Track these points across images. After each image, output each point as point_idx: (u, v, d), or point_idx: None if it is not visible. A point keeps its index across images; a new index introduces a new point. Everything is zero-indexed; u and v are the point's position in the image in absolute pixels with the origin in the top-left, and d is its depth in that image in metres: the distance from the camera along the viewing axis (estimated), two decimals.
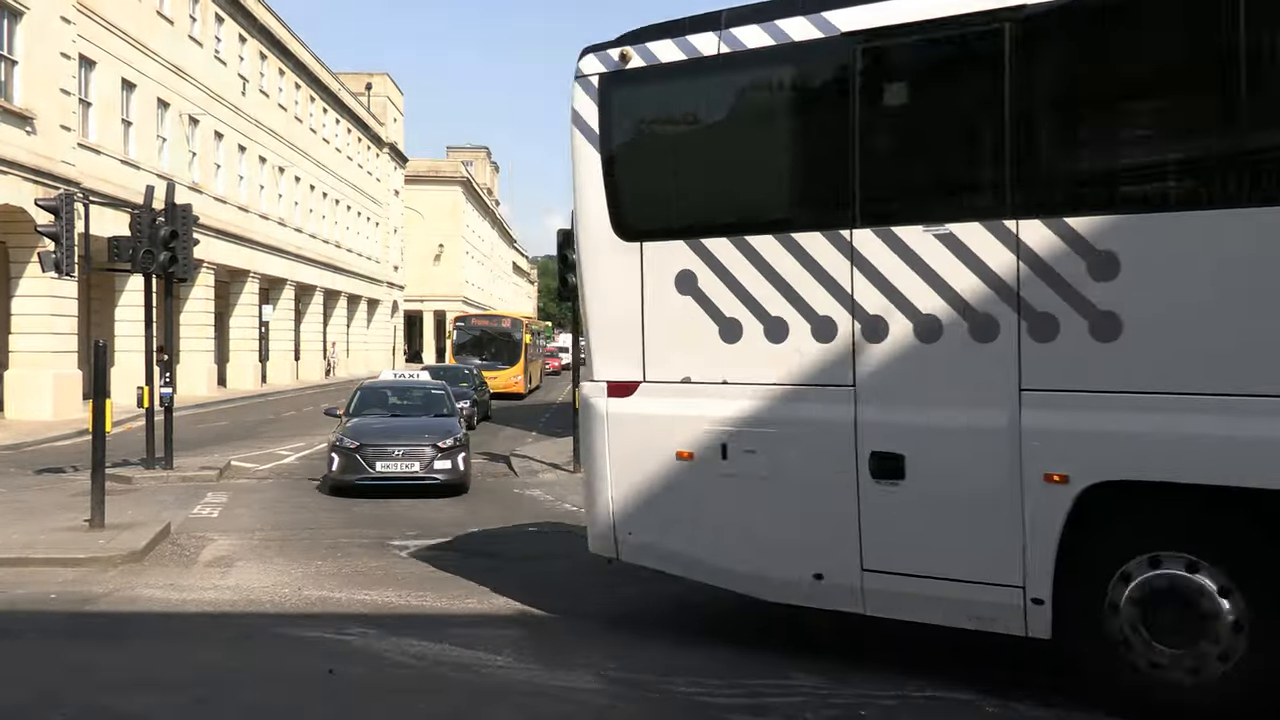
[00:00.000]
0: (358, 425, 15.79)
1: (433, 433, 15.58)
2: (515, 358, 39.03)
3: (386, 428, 15.86)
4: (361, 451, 14.97)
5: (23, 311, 25.48)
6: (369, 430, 15.56)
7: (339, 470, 15.04)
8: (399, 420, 16.55)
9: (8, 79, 24.18)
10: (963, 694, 6.55)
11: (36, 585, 9.55)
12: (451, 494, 15.27)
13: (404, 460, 14.96)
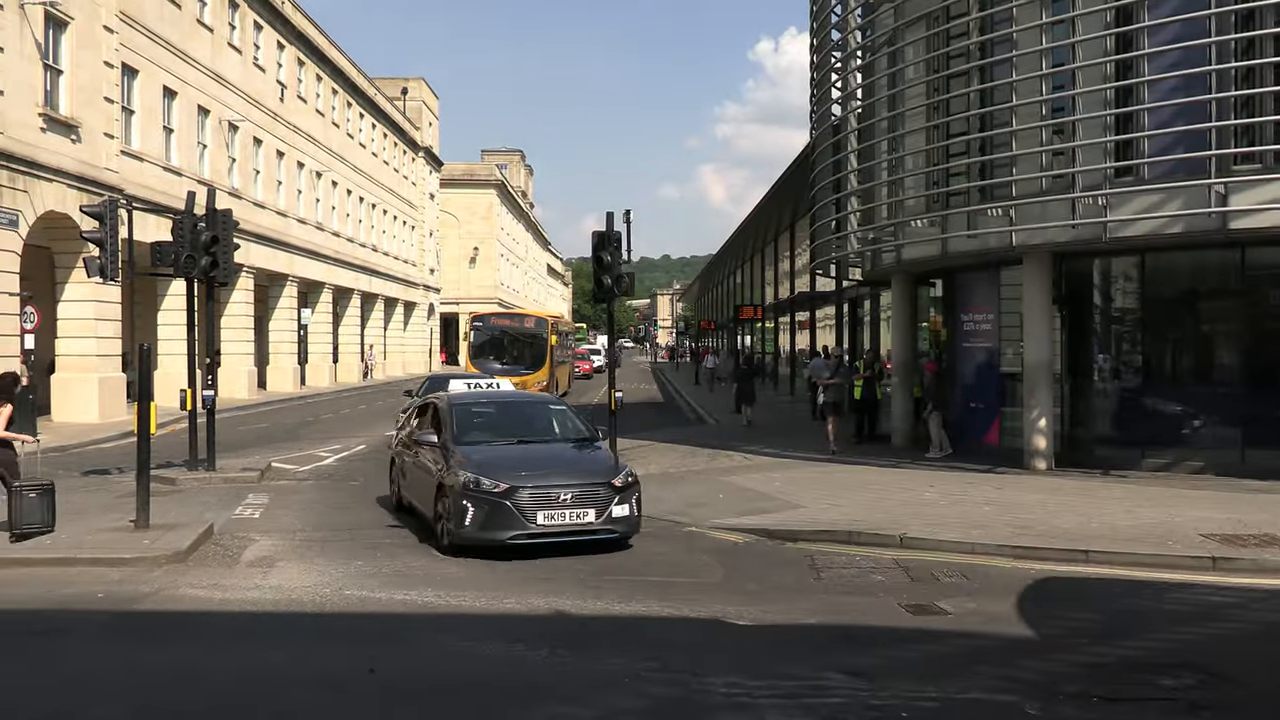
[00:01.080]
0: (484, 459, 11.50)
1: (594, 468, 11.73)
2: (540, 361, 34.30)
3: (526, 460, 11.63)
4: (514, 497, 10.76)
5: (68, 316, 25.92)
6: (504, 465, 11.32)
7: (478, 524, 10.76)
8: (535, 449, 12.22)
9: (54, 88, 24.61)
10: (1005, 696, 6.49)
11: (84, 585, 9.72)
12: (615, 549, 11.27)
13: (576, 507, 10.94)
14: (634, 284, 18.13)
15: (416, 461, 12.89)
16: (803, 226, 32.92)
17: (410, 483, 13.23)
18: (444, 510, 11.30)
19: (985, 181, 16.92)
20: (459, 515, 10.94)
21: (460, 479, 11.07)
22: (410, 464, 13.24)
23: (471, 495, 10.87)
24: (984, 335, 18.70)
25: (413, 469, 13.10)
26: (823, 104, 22.45)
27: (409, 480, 13.30)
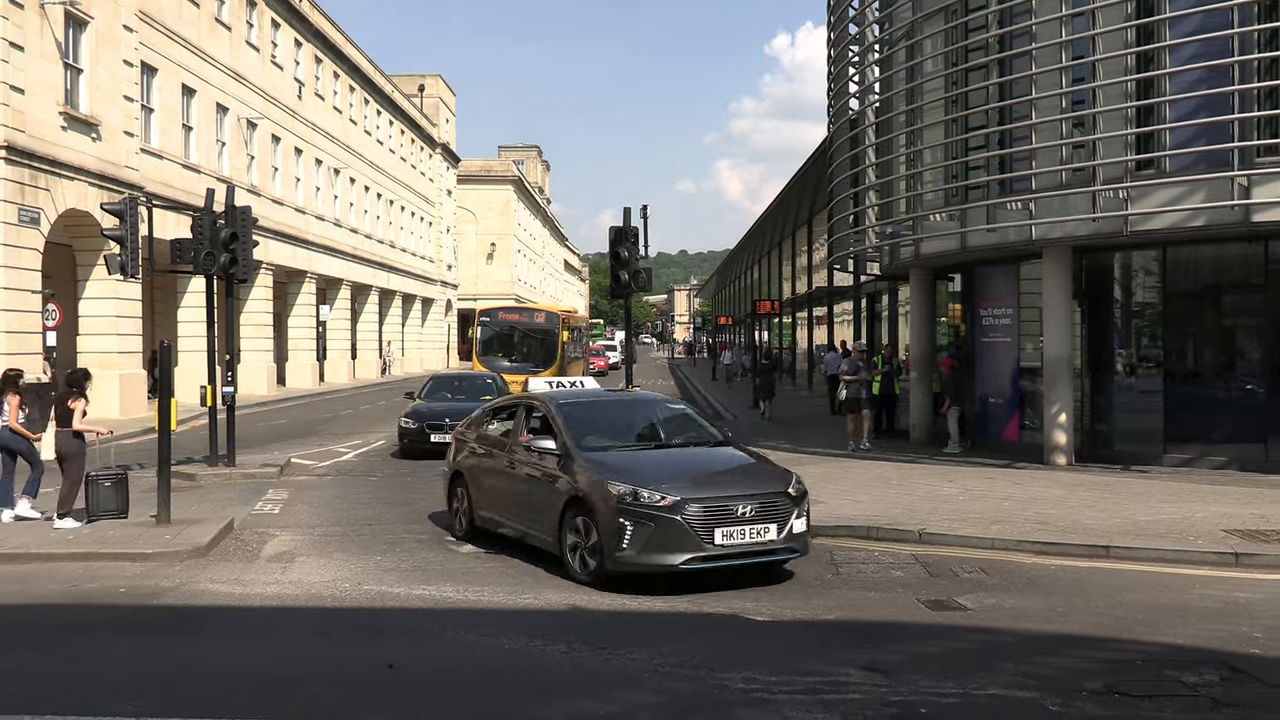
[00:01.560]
0: (623, 465, 9.78)
1: (761, 474, 10.05)
2: (551, 358, 32.57)
3: (677, 467, 9.94)
4: (684, 511, 9.01)
5: (89, 313, 26.11)
6: (655, 473, 9.56)
7: (640, 546, 9.04)
8: (676, 455, 10.51)
9: (74, 87, 24.78)
10: (1025, 692, 6.45)
11: (106, 579, 9.80)
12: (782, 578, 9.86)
13: (756, 522, 9.21)
14: (651, 279, 18.14)
15: (510, 472, 10.91)
16: (820, 221, 32.81)
17: (496, 498, 11.16)
18: (580, 530, 9.44)
19: (1004, 175, 16.82)
20: (612, 535, 9.07)
21: (613, 490, 9.19)
22: (496, 475, 11.23)
23: (629, 510, 9.05)
24: (1003, 330, 18.59)
25: (502, 481, 11.08)
26: (840, 98, 22.36)
27: (492, 495, 11.24)
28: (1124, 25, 14.97)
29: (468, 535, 11.62)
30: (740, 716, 6.18)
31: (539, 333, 33.34)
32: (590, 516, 9.38)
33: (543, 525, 10.14)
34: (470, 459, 11.89)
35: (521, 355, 32.75)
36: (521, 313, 35.61)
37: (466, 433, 12.40)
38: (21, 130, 22.31)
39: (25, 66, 22.48)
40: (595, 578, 9.30)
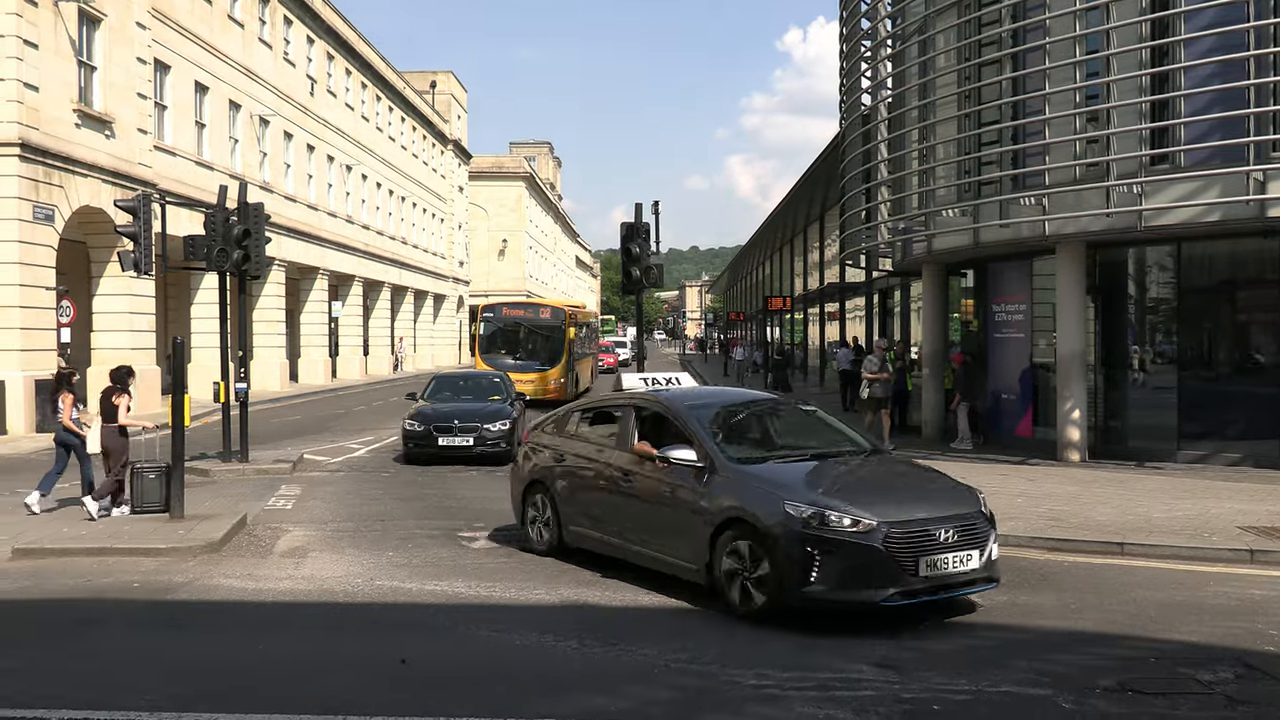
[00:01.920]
0: (803, 482, 8.44)
1: (947, 493, 8.66)
2: (557, 355, 31.53)
3: (851, 483, 8.72)
4: (884, 537, 7.74)
5: (104, 310, 26.24)
6: (844, 492, 8.28)
7: (834, 580, 7.72)
8: (842, 468, 9.15)
9: (88, 85, 24.89)
10: (1038, 690, 6.43)
11: (121, 574, 9.85)
12: None
13: (959, 549, 7.99)
14: (663, 275, 18.12)
15: (621, 485, 9.45)
16: (832, 217, 32.75)
17: (599, 513, 9.76)
18: (744, 556, 8.02)
19: (1017, 170, 16.75)
20: (795, 566, 7.69)
21: (793, 512, 7.77)
22: (596, 488, 9.82)
23: (817, 537, 7.67)
24: (1016, 326, 18.53)
25: (608, 495, 9.65)
26: (852, 93, 22.30)
27: (592, 510, 9.87)
28: (1138, 19, 14.89)
29: (553, 550, 10.40)
30: (752, 713, 6.18)
31: (544, 329, 32.18)
32: (759, 542, 7.92)
33: (677, 549, 8.69)
34: (555, 467, 10.45)
35: (526, 353, 31.73)
36: (526, 308, 34.44)
37: (544, 437, 10.99)
38: (35, 128, 22.42)
39: (39, 64, 22.58)
40: (765, 612, 7.91)
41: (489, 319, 32.53)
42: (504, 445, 17.77)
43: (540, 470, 10.72)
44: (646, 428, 9.75)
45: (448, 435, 17.77)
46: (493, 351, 31.53)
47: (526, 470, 10.99)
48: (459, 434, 17.80)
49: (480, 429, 17.87)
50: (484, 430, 17.86)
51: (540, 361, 31.39)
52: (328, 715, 6.06)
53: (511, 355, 31.33)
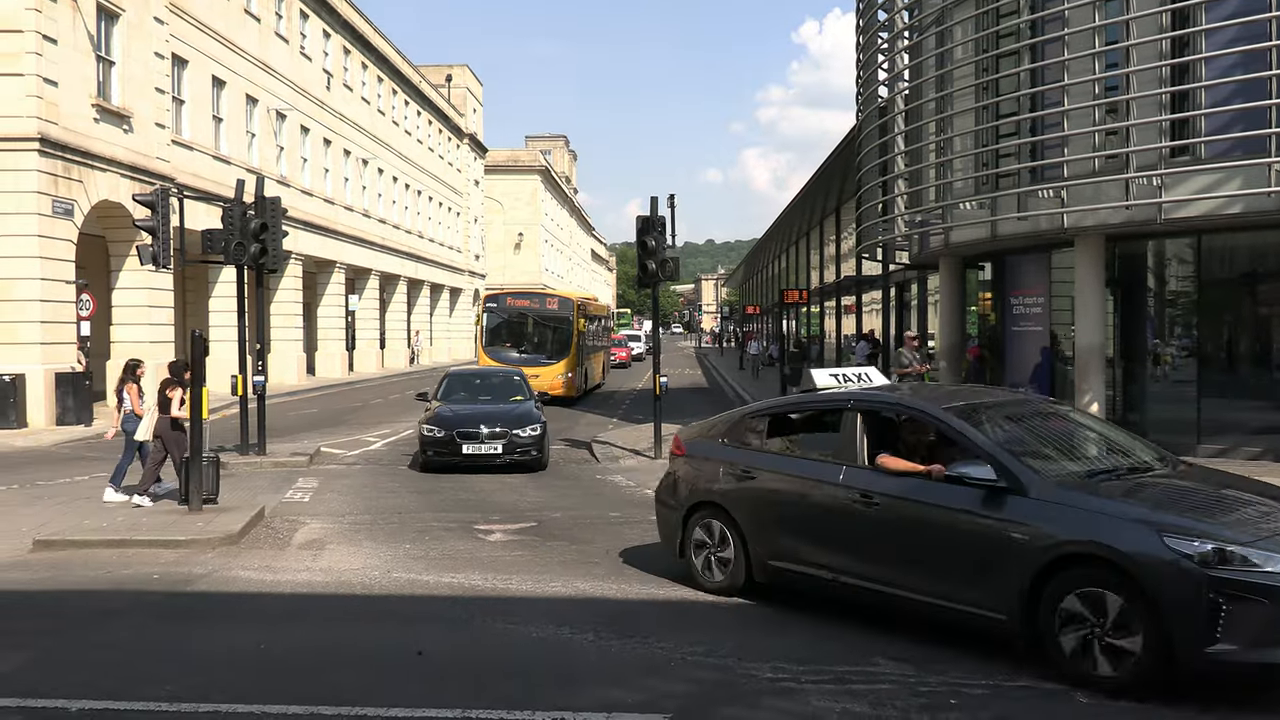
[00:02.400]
0: (1158, 509, 6.71)
1: None
2: (564, 349, 29.55)
3: (1222, 510, 6.89)
4: None
5: (122, 303, 26.40)
6: (1227, 521, 6.58)
7: (1254, 637, 5.97)
8: (1180, 487, 7.40)
9: (106, 80, 25.02)
10: (1055, 684, 6.40)
11: (140, 566, 9.93)
12: None
13: None
14: (678, 269, 18.08)
15: (857, 509, 7.66)
16: (848, 210, 32.64)
17: (825, 542, 7.91)
18: (1094, 607, 6.29)
19: (1036, 163, 16.64)
20: (1195, 621, 5.96)
21: (1188, 549, 6.05)
22: (818, 511, 8.00)
23: (1223, 580, 5.94)
24: (1034, 319, 18.42)
25: (837, 520, 7.83)
26: (869, 85, 22.20)
27: (811, 538, 8.01)
28: (1158, 10, 14.75)
29: (735, 589, 8.53)
30: (768, 705, 6.18)
31: (552, 320, 30.22)
32: (1125, 588, 6.17)
33: (968, 592, 6.96)
34: (738, 486, 8.56)
35: (532, 345, 29.85)
36: (532, 298, 32.29)
37: (711, 447, 9.08)
38: (55, 123, 22.56)
39: (58, 59, 22.71)
40: (1140, 682, 6.16)
41: (493, 309, 30.67)
42: (534, 453, 16.37)
43: (712, 490, 8.76)
44: (875, 436, 8.01)
45: (473, 442, 16.08)
46: (497, 344, 29.82)
47: (688, 490, 9.01)
48: (486, 440, 16.11)
49: (510, 435, 16.21)
50: (514, 436, 16.23)
51: (548, 354, 29.47)
52: (344, 706, 6.10)
53: (517, 348, 29.50)
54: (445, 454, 16.14)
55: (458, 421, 16.49)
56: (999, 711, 6.07)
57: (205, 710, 6.07)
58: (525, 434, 16.32)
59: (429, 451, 16.27)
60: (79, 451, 18.96)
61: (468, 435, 16.15)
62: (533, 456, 16.36)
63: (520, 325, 30.44)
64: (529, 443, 16.31)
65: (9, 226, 21.99)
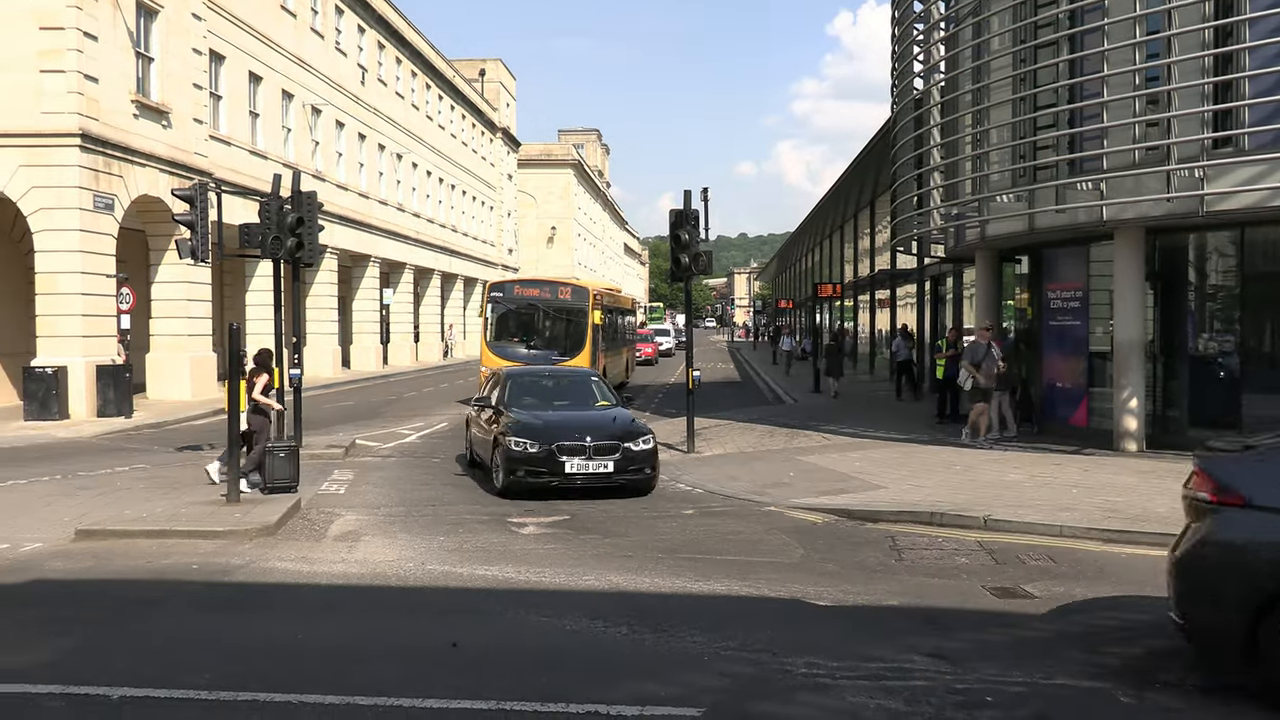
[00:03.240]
0: None
1: None
2: (579, 345, 26.23)
3: None
4: None
5: (161, 297, 26.74)
6: None
7: None
8: None
9: (145, 76, 25.32)
10: (1095, 682, 6.33)
11: (180, 556, 10.05)
12: None
13: None
14: (711, 262, 18.02)
15: None
16: (883, 203, 32.41)
17: None
18: None
19: (1074, 155, 16.43)
20: None
21: None
22: None
23: None
24: (1072, 313, 18.20)
25: None
26: (904, 78, 22.01)
27: None
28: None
29: None
30: (803, 701, 6.15)
31: (564, 312, 27.01)
32: None
33: None
34: None
35: (543, 340, 26.59)
36: (543, 287, 28.37)
37: None
38: (95, 119, 22.86)
39: (98, 56, 23.01)
40: None
41: (498, 299, 27.14)
42: (648, 470, 13.55)
43: None
44: None
45: (578, 457, 13.03)
46: (503, 338, 26.62)
47: None
48: (595, 456, 13.08)
49: (622, 448, 13.22)
50: (628, 450, 13.26)
51: (559, 349, 26.03)
52: (380, 697, 6.13)
53: (526, 343, 26.34)
54: (542, 473, 13.05)
55: (555, 431, 13.41)
56: (1036, 709, 6.00)
57: (244, 699, 6.13)
58: (639, 447, 13.35)
59: (517, 471, 13.12)
60: (119, 443, 19.23)
61: (571, 449, 13.06)
62: (645, 475, 13.49)
63: (530, 318, 27.16)
64: (644, 458, 13.40)
65: (52, 221, 22.33)
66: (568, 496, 13.04)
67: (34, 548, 10.36)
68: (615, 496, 13.16)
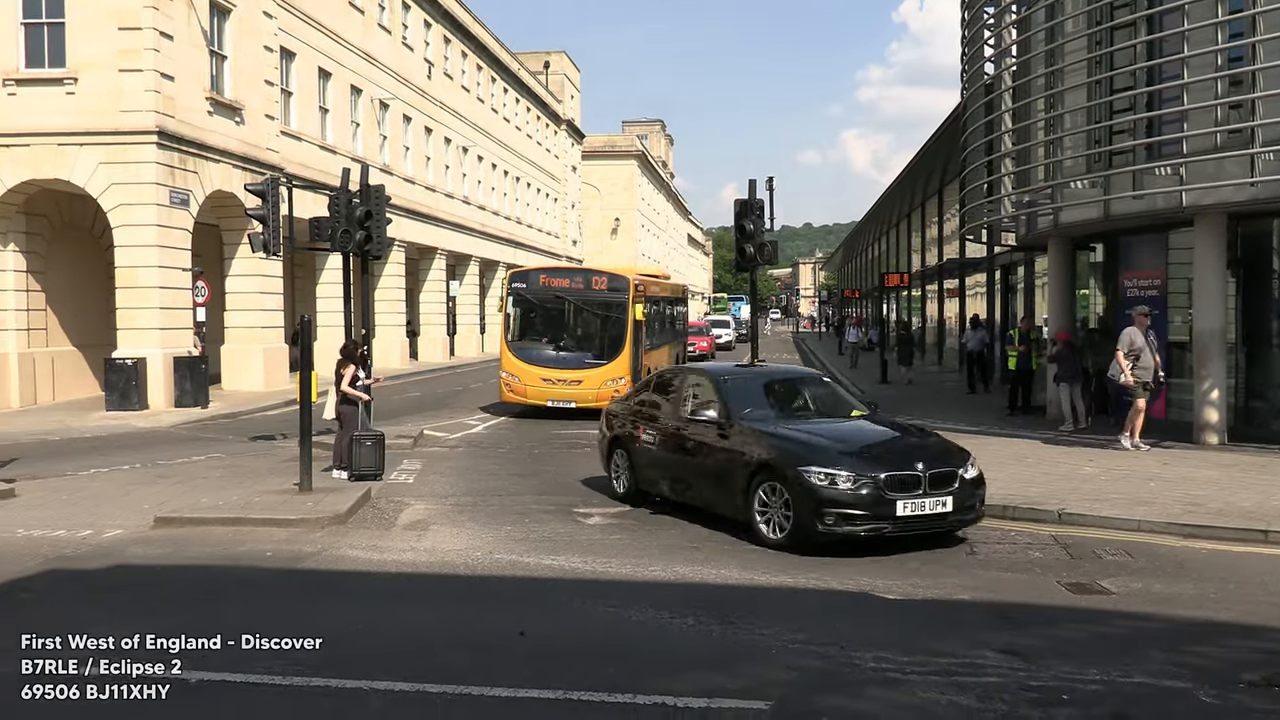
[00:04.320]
0: None
1: None
2: (617, 345, 22.10)
3: None
4: None
5: (235, 290, 27.34)
6: None
7: None
8: None
9: (218, 73, 25.86)
10: (1176, 682, 6.15)
11: (254, 543, 10.26)
12: None
13: None
14: (776, 252, 17.88)
15: None
16: (951, 191, 31.85)
17: None
18: None
19: (1153, 139, 15.95)
20: None
21: None
22: None
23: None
24: (1149, 302, 17.70)
25: None
26: (974, 62, 21.57)
27: None
28: None
29: None
30: (872, 695, 6.07)
31: (601, 306, 22.61)
32: None
33: None
34: None
35: (574, 341, 22.60)
36: (573, 276, 23.84)
37: None
38: (171, 116, 23.41)
39: (174, 55, 23.54)
40: None
41: (519, 291, 22.81)
42: (980, 506, 10.27)
43: None
44: None
45: (912, 495, 9.63)
46: (526, 339, 22.74)
47: None
48: (931, 490, 9.74)
49: (958, 477, 9.98)
50: (962, 478, 10.01)
51: (592, 353, 22.24)
52: (449, 684, 6.20)
53: (554, 343, 22.50)
54: (864, 518, 9.53)
55: (877, 459, 10.09)
56: (1114, 708, 5.85)
57: (316, 684, 6.23)
58: (971, 473, 10.17)
59: (826, 518, 9.54)
60: (195, 432, 19.71)
61: (902, 482, 9.68)
62: (977, 513, 10.26)
63: (555, 313, 22.99)
64: (976, 487, 10.20)
65: (130, 217, 22.93)
66: (889, 549, 9.71)
67: (115, 534, 10.66)
68: (939, 545, 10.00)
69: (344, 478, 13.61)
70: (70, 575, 9.10)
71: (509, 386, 22.18)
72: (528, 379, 21.93)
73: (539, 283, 22.96)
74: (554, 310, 22.85)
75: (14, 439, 18.02)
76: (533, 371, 21.96)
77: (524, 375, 21.97)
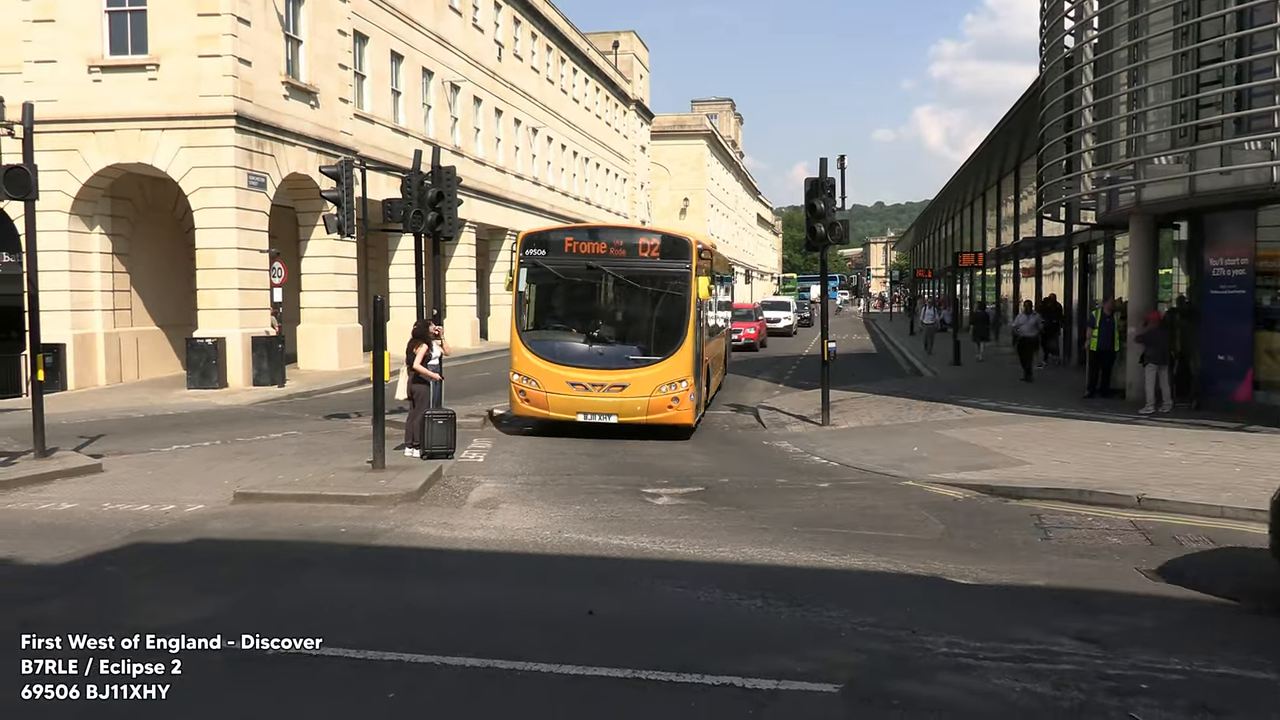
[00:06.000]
0: None
1: None
2: (675, 338, 16.07)
3: None
4: None
5: (310, 271, 27.85)
6: None
7: None
8: None
9: (294, 58, 26.28)
10: (1262, 673, 5.96)
11: (329, 519, 10.47)
12: None
13: None
14: (847, 231, 17.63)
15: None
16: (1028, 168, 31.11)
17: None
18: None
19: (1242, 112, 15.37)
20: None
21: None
22: None
23: None
24: (1236, 281, 17.11)
25: None
26: (1054, 35, 20.98)
27: None
28: None
29: None
30: (943, 681, 6.00)
31: (649, 279, 16.30)
32: None
33: None
34: None
35: (613, 330, 16.60)
36: (610, 238, 16.97)
37: None
38: (249, 100, 23.86)
39: (251, 40, 23.97)
40: None
41: (536, 260, 16.60)
42: None
43: None
44: None
45: None
46: (546, 327, 16.96)
47: None
48: None
49: None
50: None
51: (641, 347, 16.36)
52: (518, 661, 6.26)
53: (584, 335, 16.54)
54: None
55: None
56: (1196, 699, 5.69)
57: (389, 659, 6.34)
58: None
59: None
60: (272, 410, 20.16)
61: None
62: None
63: (590, 291, 16.91)
64: None
65: (210, 199, 23.46)
66: None
67: (196, 509, 10.96)
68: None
69: (416, 456, 13.82)
70: (154, 548, 9.38)
71: (523, 395, 16.37)
72: (549, 383, 16.03)
73: (564, 248, 16.57)
74: (585, 287, 16.78)
75: (101, 416, 18.63)
76: (556, 374, 16.06)
77: (544, 379, 16.10)
